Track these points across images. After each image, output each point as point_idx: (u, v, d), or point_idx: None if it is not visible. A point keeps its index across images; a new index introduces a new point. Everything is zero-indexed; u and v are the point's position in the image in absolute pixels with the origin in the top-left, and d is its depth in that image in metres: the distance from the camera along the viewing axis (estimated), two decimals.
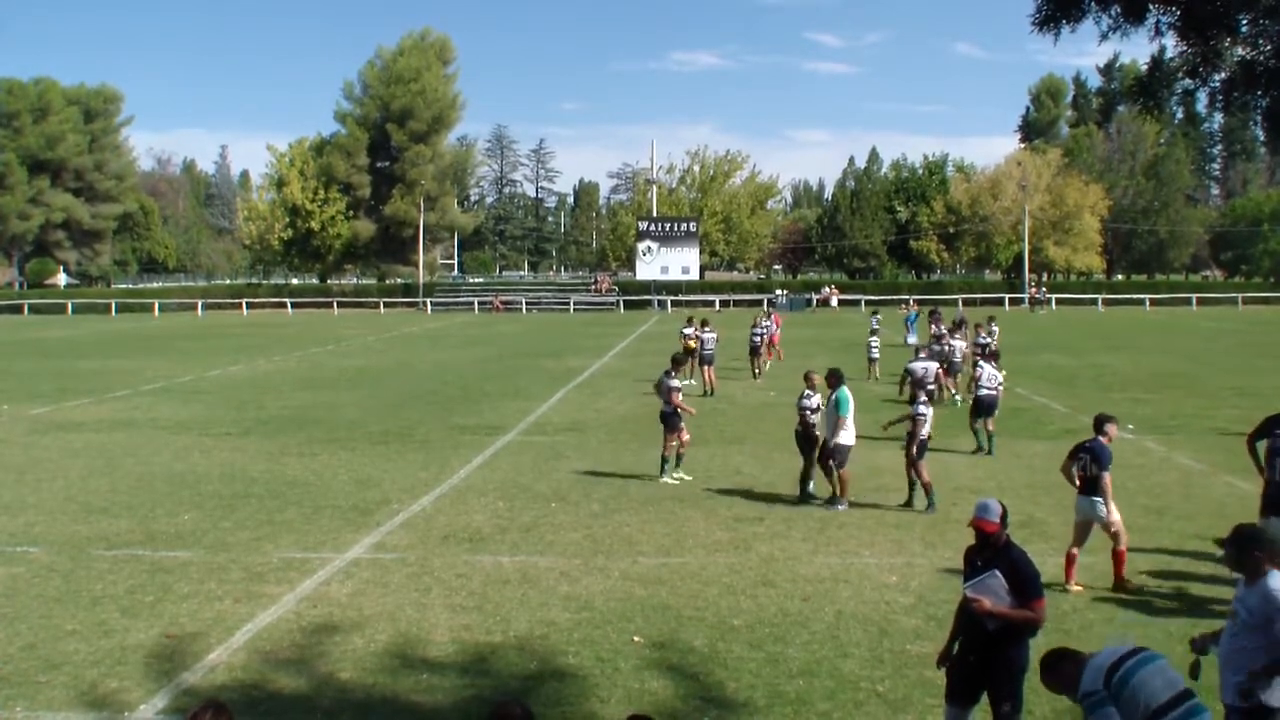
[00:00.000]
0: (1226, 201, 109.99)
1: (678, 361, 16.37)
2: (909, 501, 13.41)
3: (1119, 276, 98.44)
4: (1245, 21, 6.62)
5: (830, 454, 13.58)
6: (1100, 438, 10.34)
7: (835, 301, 77.04)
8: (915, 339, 34.94)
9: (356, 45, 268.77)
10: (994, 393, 17.46)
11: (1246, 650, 5.43)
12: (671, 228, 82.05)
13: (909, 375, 19.29)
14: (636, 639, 8.80)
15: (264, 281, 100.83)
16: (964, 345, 25.39)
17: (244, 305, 77.80)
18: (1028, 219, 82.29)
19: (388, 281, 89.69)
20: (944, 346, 24.43)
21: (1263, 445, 10.27)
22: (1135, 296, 78.45)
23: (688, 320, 29.55)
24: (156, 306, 76.27)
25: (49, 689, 7.85)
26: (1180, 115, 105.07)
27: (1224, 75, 6.80)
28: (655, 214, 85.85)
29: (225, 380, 29.43)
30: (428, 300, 79.54)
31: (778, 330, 32.94)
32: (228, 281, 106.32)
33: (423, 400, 24.49)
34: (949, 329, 27.38)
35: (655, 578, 10.44)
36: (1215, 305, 75.39)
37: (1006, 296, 77.74)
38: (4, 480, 15.39)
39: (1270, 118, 6.88)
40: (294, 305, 79.34)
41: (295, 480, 15.31)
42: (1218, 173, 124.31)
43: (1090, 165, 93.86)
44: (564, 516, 12.99)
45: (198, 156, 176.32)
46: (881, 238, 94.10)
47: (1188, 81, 6.92)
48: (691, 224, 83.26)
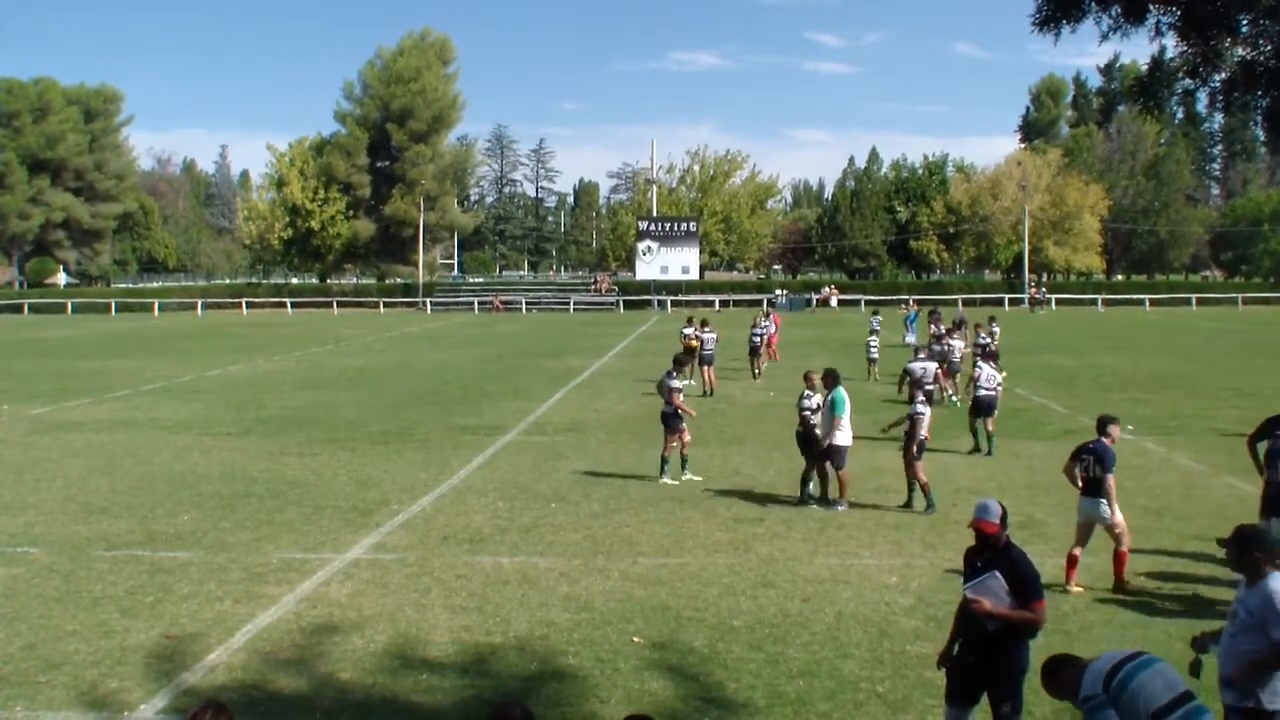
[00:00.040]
0: (1227, 202, 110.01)
1: (680, 362, 16.34)
2: (909, 502, 13.41)
3: (1119, 277, 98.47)
4: (1245, 22, 6.62)
5: (828, 455, 13.59)
6: (1103, 439, 10.33)
7: (835, 302, 77.05)
8: (913, 339, 34.92)
9: (356, 45, 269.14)
10: (993, 393, 17.45)
11: (1246, 652, 5.42)
12: (671, 228, 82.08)
13: (908, 375, 19.29)
14: (636, 639, 8.80)
15: (264, 281, 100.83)
16: (962, 345, 25.37)
17: (244, 305, 77.84)
18: (1028, 219, 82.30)
19: (388, 281, 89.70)
20: (944, 347, 24.41)
21: (1263, 446, 10.29)
22: (1135, 297, 78.46)
23: (688, 320, 29.53)
24: (156, 306, 76.30)
25: (49, 689, 7.85)
26: (1180, 115, 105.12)
27: (1224, 75, 6.80)
28: (655, 214, 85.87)
29: (225, 380, 29.43)
30: (428, 300, 79.56)
31: (776, 331, 32.94)
32: (228, 281, 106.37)
33: (423, 400, 24.50)
34: (948, 329, 27.37)
35: (655, 578, 10.44)
36: (1215, 305, 75.43)
37: (1006, 297, 77.77)
38: (4, 480, 15.39)
39: (1270, 118, 6.88)
40: (294, 305, 79.37)
41: (295, 480, 15.31)
42: (1218, 173, 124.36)
43: (1090, 165, 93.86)
44: (564, 517, 12.99)
45: (198, 156, 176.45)
46: (881, 238, 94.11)
47: (1188, 81, 6.92)
48: (691, 224, 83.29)
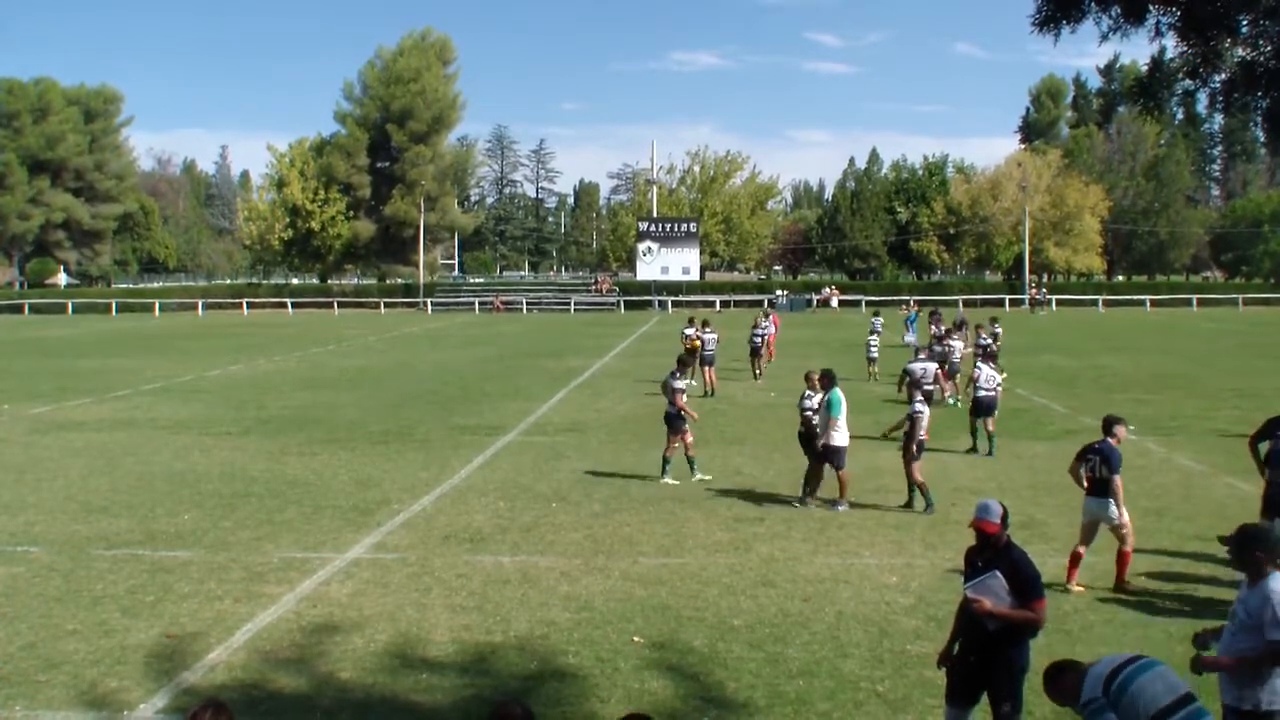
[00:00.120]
0: (1227, 202, 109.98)
1: (683, 363, 16.39)
2: (909, 502, 13.41)
3: (1119, 277, 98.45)
4: (1245, 22, 6.62)
5: (825, 456, 13.58)
6: (1109, 439, 10.33)
7: (835, 302, 77.06)
8: (912, 338, 34.96)
9: (356, 45, 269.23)
10: (992, 394, 17.46)
11: (1243, 650, 5.41)
12: (672, 228, 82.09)
13: (908, 375, 19.30)
14: (636, 639, 8.80)
15: (264, 281, 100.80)
16: (962, 346, 25.38)
17: (244, 305, 77.84)
18: (1028, 220, 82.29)
19: (388, 282, 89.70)
20: (944, 347, 24.41)
21: (1264, 447, 10.30)
22: (1136, 297, 78.45)
23: (688, 321, 29.53)
24: (157, 306, 76.31)
25: (49, 688, 7.86)
26: (1180, 116, 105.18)
27: (1224, 76, 6.80)
28: (655, 214, 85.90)
29: (225, 380, 29.43)
30: (428, 300, 79.56)
31: (775, 332, 32.92)
32: (228, 281, 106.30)
33: (423, 400, 24.50)
34: (947, 330, 27.37)
35: (655, 578, 10.44)
36: (1216, 306, 75.43)
37: (1007, 297, 77.77)
38: (4, 480, 15.39)
39: (1270, 119, 6.89)
40: (294, 305, 79.37)
41: (295, 480, 15.32)
42: (1218, 174, 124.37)
43: (1090, 166, 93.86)
44: (564, 517, 12.99)
45: (198, 156, 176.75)
46: (882, 238, 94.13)
47: (1188, 82, 6.92)
48: (692, 224, 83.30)
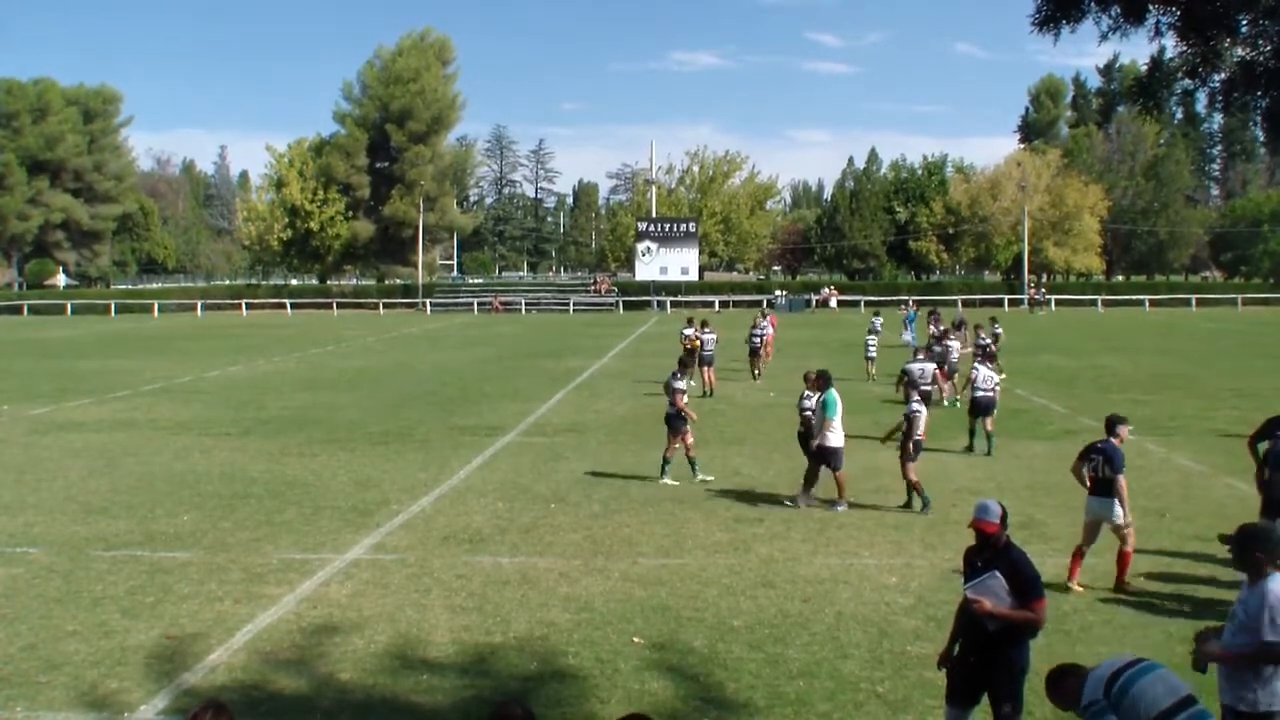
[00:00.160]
0: (1226, 202, 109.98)
1: (684, 364, 16.44)
2: (908, 503, 13.40)
3: (1119, 277, 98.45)
4: (1245, 22, 6.62)
5: (821, 457, 13.57)
6: (1112, 439, 10.34)
7: (834, 302, 77.04)
8: (909, 337, 35.01)
9: (356, 45, 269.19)
10: (990, 394, 17.48)
11: (1243, 648, 5.41)
12: (671, 228, 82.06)
13: (906, 376, 19.31)
14: (636, 640, 8.80)
15: (263, 282, 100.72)
16: (959, 346, 25.41)
17: (243, 306, 77.81)
18: (1027, 219, 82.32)
19: (387, 282, 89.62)
20: (943, 347, 24.42)
21: (1264, 447, 10.30)
22: (1135, 297, 78.46)
23: (688, 321, 29.52)
24: (156, 307, 76.27)
25: (49, 689, 7.85)
26: (1180, 116, 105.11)
27: (1224, 76, 6.80)
28: (654, 214, 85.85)
29: (225, 381, 29.43)
30: (427, 301, 79.53)
31: (773, 333, 32.89)
32: (227, 282, 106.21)
33: (422, 401, 24.49)
34: (944, 330, 27.35)
35: (655, 579, 10.44)
36: (1215, 306, 75.45)
37: (1006, 297, 77.78)
38: (4, 480, 15.39)
39: (1270, 118, 6.88)
40: (293, 306, 79.32)
41: (295, 481, 15.31)
42: (1217, 173, 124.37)
43: (1090, 166, 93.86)
44: (564, 517, 12.99)
45: (197, 157, 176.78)
46: (881, 238, 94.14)
47: (1187, 82, 6.92)
48: (691, 224, 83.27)
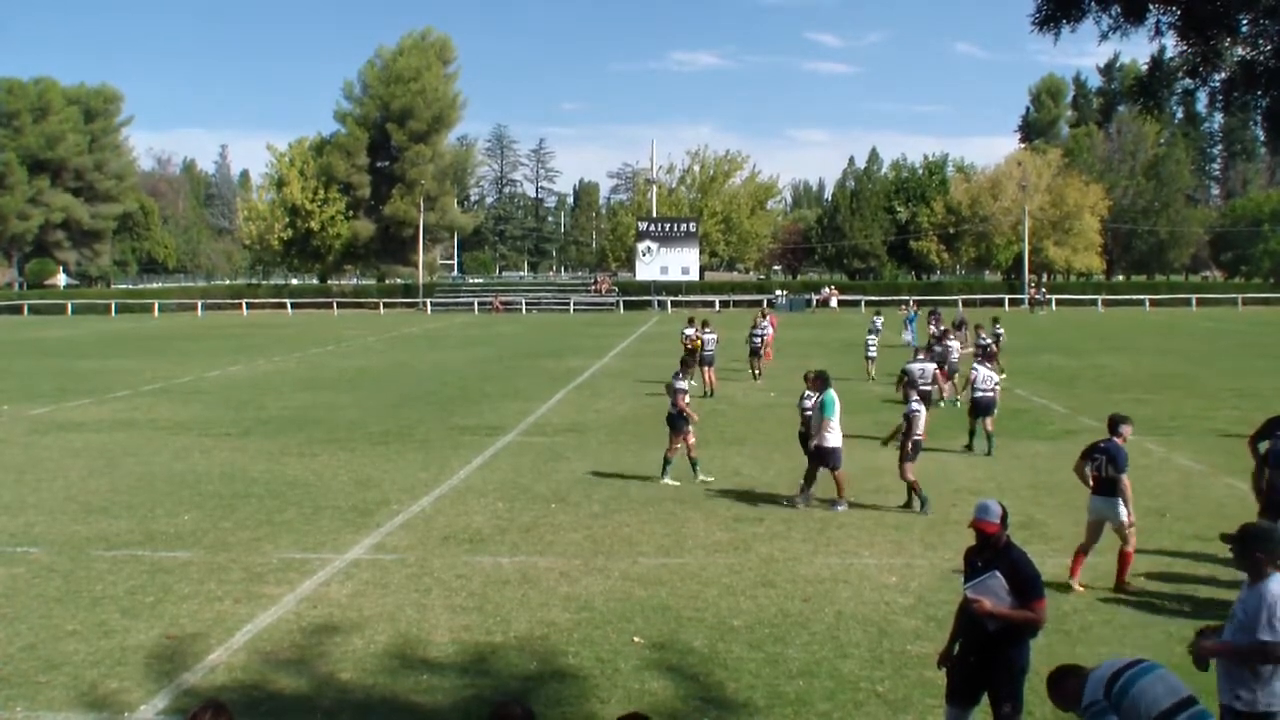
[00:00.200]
0: (1226, 202, 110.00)
1: (686, 364, 16.46)
2: (908, 503, 13.40)
3: (1119, 277, 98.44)
4: (1245, 21, 6.62)
5: (819, 458, 13.56)
6: (1115, 439, 10.33)
7: (835, 302, 77.03)
8: (909, 336, 35.00)
9: (356, 45, 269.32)
10: (990, 394, 17.48)
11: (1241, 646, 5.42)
12: (671, 228, 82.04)
13: (906, 376, 19.31)
14: (636, 639, 8.80)
15: (264, 282, 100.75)
16: (959, 346, 25.41)
17: (244, 305, 77.80)
18: (1028, 219, 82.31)
19: (387, 282, 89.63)
20: (943, 347, 24.41)
21: (1264, 447, 10.30)
22: (1135, 297, 78.44)
23: (688, 321, 29.51)
24: (156, 307, 76.27)
25: (49, 689, 7.85)
26: (1180, 115, 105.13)
27: (1224, 75, 6.80)
28: (655, 214, 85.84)
29: (225, 380, 29.43)
30: (427, 300, 79.52)
31: (773, 333, 32.88)
32: (227, 282, 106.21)
33: (422, 401, 24.49)
34: (944, 330, 27.31)
35: (655, 578, 10.44)
36: (1215, 306, 75.42)
37: (1006, 297, 77.75)
38: (4, 480, 15.39)
39: (1270, 118, 6.88)
40: (294, 305, 79.31)
41: (295, 481, 15.31)
42: (1218, 173, 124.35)
43: (1090, 165, 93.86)
44: (564, 517, 12.99)
45: (198, 156, 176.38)
46: (881, 238, 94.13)
47: (1188, 81, 6.92)
48: (691, 224, 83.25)
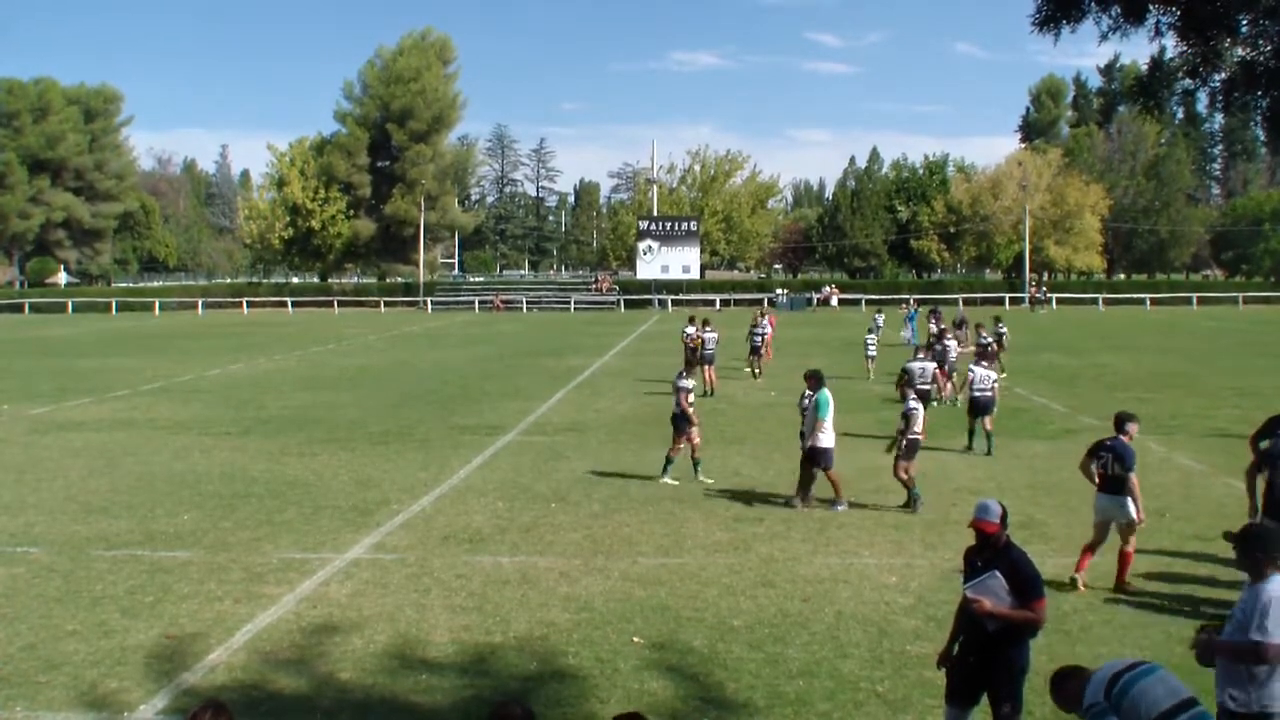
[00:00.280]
0: (1227, 201, 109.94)
1: (690, 363, 16.48)
2: (908, 503, 13.40)
3: (1119, 276, 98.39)
4: (1245, 22, 6.62)
5: (813, 458, 13.55)
6: (1121, 436, 10.33)
7: (835, 301, 77.03)
8: (908, 334, 34.98)
9: (357, 45, 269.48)
10: (988, 393, 17.48)
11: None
12: (672, 227, 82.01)
13: (906, 374, 19.31)
14: (636, 640, 8.79)
15: (264, 280, 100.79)
16: (956, 345, 25.41)
17: (244, 304, 77.86)
18: (1028, 219, 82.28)
19: (388, 280, 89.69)
20: (942, 346, 24.39)
21: (1265, 446, 10.27)
22: (1136, 296, 78.43)
23: (689, 320, 29.51)
24: (157, 305, 76.33)
25: (49, 689, 7.85)
26: (1181, 115, 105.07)
27: (1224, 75, 6.80)
28: (656, 213, 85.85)
29: (225, 379, 29.43)
30: (428, 299, 79.54)
31: (772, 332, 32.85)
32: (228, 280, 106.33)
33: (423, 400, 24.49)
34: (943, 329, 27.28)
35: (655, 578, 10.44)
36: (1216, 305, 75.37)
37: (1007, 296, 77.72)
38: (4, 480, 15.39)
39: (1270, 118, 6.88)
40: (294, 304, 79.37)
41: (295, 480, 15.31)
42: (1218, 172, 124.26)
43: (1091, 165, 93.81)
44: (564, 517, 12.99)
45: (198, 156, 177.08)
46: (882, 237, 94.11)
47: (1188, 82, 6.92)
48: (692, 223, 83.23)
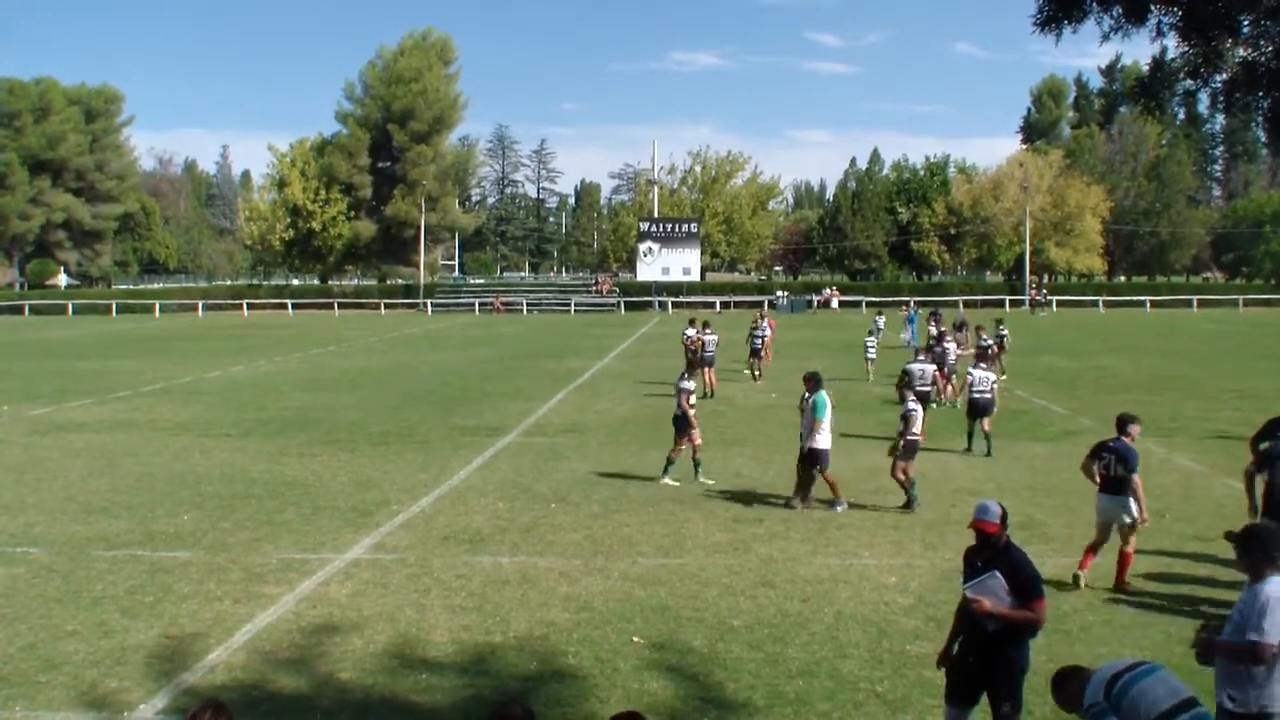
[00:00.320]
0: (1228, 203, 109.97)
1: (692, 365, 16.51)
2: (906, 503, 13.40)
3: (1120, 278, 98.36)
4: (1247, 22, 6.62)
5: (810, 459, 13.54)
6: (1123, 438, 10.36)
7: (836, 303, 77.02)
8: (907, 335, 34.96)
9: (357, 45, 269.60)
10: (986, 395, 17.51)
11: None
12: (673, 229, 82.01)
13: (906, 376, 19.31)
14: (636, 639, 8.79)
15: (265, 282, 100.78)
16: (955, 347, 25.41)
17: (245, 306, 77.81)
18: (1029, 220, 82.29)
19: (388, 282, 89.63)
20: (941, 348, 24.39)
21: (1265, 448, 10.29)
22: (1136, 298, 78.41)
23: (689, 322, 29.51)
24: (157, 307, 76.30)
25: (49, 689, 7.85)
26: (1182, 116, 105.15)
27: (1225, 76, 6.81)
28: (656, 215, 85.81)
29: (225, 381, 29.43)
30: (428, 301, 79.51)
31: (770, 335, 32.82)
32: (228, 282, 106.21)
33: (423, 401, 24.49)
34: (942, 331, 27.27)
35: (655, 578, 10.44)
36: (1216, 307, 75.41)
37: (1007, 298, 77.72)
38: (4, 480, 15.39)
39: (1272, 119, 6.88)
40: (295, 306, 79.35)
41: (295, 481, 15.31)
42: (1219, 174, 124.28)
43: (1092, 166, 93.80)
44: (564, 517, 12.99)
45: (199, 156, 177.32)
46: (883, 239, 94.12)
47: (1189, 82, 6.93)
48: (693, 225, 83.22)
